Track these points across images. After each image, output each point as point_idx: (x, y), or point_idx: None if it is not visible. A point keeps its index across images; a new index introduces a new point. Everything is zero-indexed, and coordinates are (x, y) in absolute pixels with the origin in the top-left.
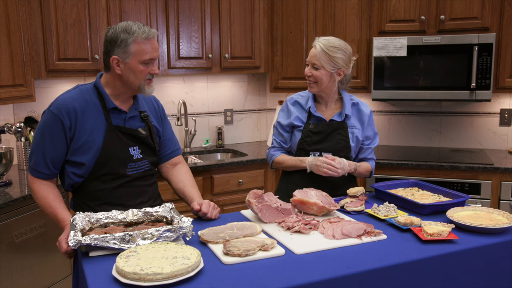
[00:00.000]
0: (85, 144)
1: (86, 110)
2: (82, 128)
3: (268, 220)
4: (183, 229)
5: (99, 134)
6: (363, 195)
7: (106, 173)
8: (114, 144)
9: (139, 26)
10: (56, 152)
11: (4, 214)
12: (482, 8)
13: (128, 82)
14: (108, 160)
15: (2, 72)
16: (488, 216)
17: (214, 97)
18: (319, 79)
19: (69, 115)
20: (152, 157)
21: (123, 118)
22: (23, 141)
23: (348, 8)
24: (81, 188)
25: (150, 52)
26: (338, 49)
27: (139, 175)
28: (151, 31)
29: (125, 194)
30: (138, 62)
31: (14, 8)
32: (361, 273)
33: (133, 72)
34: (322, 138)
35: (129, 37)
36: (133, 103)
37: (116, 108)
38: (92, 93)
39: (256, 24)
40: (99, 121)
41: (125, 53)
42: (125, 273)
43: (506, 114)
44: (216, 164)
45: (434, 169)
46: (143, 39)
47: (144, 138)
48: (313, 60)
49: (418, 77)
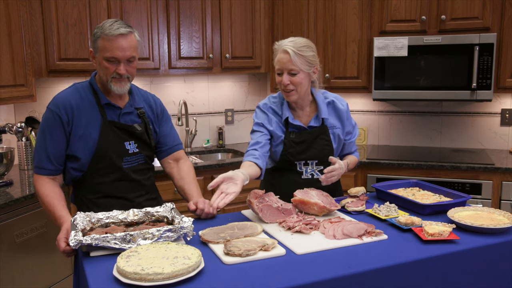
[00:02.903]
0: (81, 138)
1: (82, 106)
2: (78, 123)
3: (269, 220)
4: (184, 229)
5: (94, 129)
6: (364, 195)
7: (104, 166)
8: (109, 139)
9: (113, 23)
10: (57, 147)
11: (5, 214)
12: (483, 8)
13: (100, 77)
14: (105, 154)
15: (3, 72)
16: (489, 216)
17: (215, 97)
18: (299, 84)
19: (66, 111)
20: (147, 151)
21: (118, 114)
22: (24, 141)
23: (349, 8)
24: (81, 182)
25: (111, 50)
26: (307, 47)
27: (135, 168)
28: (120, 30)
29: (123, 187)
30: (103, 58)
31: (15, 8)
32: (362, 273)
33: (100, 67)
34: (306, 147)
35: (98, 32)
36: (129, 99)
37: (110, 103)
38: (87, 90)
39: (257, 24)
40: (94, 116)
41: (95, 47)
42: (126, 273)
43: (507, 114)
44: (216, 164)
45: (435, 169)
46: (108, 36)
47: (140, 134)
48: (289, 66)
49: (419, 77)
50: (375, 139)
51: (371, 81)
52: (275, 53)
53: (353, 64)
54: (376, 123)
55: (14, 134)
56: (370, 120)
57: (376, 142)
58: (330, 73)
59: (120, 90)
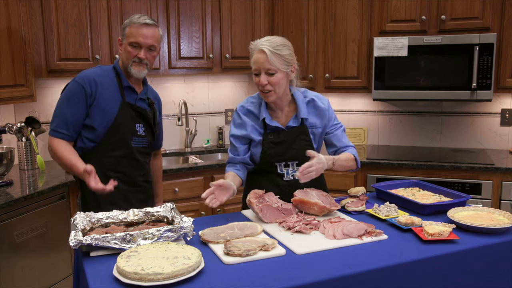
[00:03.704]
0: (101, 112)
1: (105, 84)
2: (101, 98)
3: (269, 220)
4: (184, 229)
5: (114, 106)
6: (364, 195)
7: (115, 140)
8: (125, 117)
9: (141, 15)
10: (77, 116)
11: (5, 214)
12: (483, 8)
13: (123, 62)
14: (118, 129)
15: (3, 72)
16: (489, 216)
17: (215, 97)
18: (277, 84)
19: (90, 84)
20: (150, 137)
21: (135, 98)
22: (24, 141)
23: (349, 8)
24: (91, 152)
25: (135, 36)
26: (283, 46)
27: (140, 150)
28: (146, 20)
29: (128, 164)
30: (128, 44)
31: (15, 8)
32: (362, 273)
33: (125, 51)
34: (286, 148)
35: (127, 22)
36: (143, 88)
37: (130, 87)
38: (111, 71)
39: (257, 24)
40: (115, 95)
41: (123, 35)
42: (126, 273)
43: (507, 114)
44: (216, 164)
45: (435, 169)
46: (135, 24)
47: (150, 118)
48: (266, 66)
49: (419, 77)
50: (375, 139)
51: (371, 81)
52: (251, 53)
53: (353, 64)
54: (376, 123)
55: (14, 134)
56: (370, 120)
57: (376, 142)
58: (330, 73)
59: (139, 73)
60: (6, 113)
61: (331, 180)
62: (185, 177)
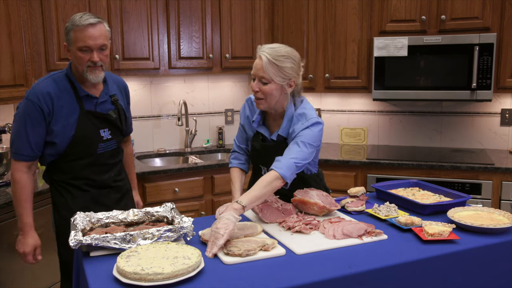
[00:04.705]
0: (60, 127)
1: (61, 97)
2: (58, 114)
3: (269, 220)
4: (184, 229)
5: (73, 118)
6: (363, 195)
7: (78, 151)
8: (86, 128)
9: (82, 15)
10: (38, 136)
11: (5, 214)
12: (483, 8)
13: (75, 68)
14: (81, 141)
15: (3, 72)
16: (489, 216)
17: (215, 97)
18: (269, 94)
19: (46, 102)
20: (119, 136)
21: (94, 103)
22: None
23: (348, 8)
24: (55, 163)
25: (83, 39)
26: (286, 58)
27: (109, 153)
28: (89, 20)
29: (95, 171)
30: (77, 49)
31: (15, 8)
32: (361, 273)
33: (75, 58)
34: (265, 157)
35: (70, 25)
36: (103, 87)
37: (88, 95)
38: (64, 81)
39: (257, 24)
40: (72, 107)
41: (69, 40)
42: (126, 273)
43: (507, 114)
44: (216, 164)
45: (435, 169)
46: (79, 27)
47: (114, 120)
48: (260, 73)
49: (419, 77)
50: (375, 139)
51: (371, 81)
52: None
53: (353, 64)
54: (376, 123)
55: None
56: (370, 120)
57: (376, 142)
58: (330, 73)
59: (96, 78)
60: (6, 113)
61: (331, 180)
62: (185, 177)
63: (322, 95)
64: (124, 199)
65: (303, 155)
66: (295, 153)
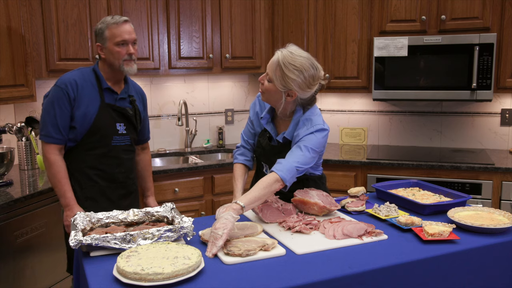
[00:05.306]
0: (82, 113)
1: (85, 87)
2: (81, 100)
3: (269, 220)
4: (184, 229)
5: (93, 108)
6: (364, 195)
7: (94, 141)
8: (104, 118)
9: (113, 16)
10: (65, 119)
11: (5, 214)
12: (483, 8)
13: (111, 63)
14: (98, 130)
15: (3, 72)
16: (489, 216)
17: (215, 97)
18: (267, 91)
19: (72, 88)
20: (133, 134)
21: (115, 98)
22: (24, 141)
23: (349, 8)
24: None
25: (120, 35)
26: (295, 69)
27: (122, 147)
28: (121, 18)
29: (108, 162)
30: (113, 44)
31: (15, 8)
32: (362, 273)
33: (111, 53)
34: (268, 156)
35: (103, 26)
36: (124, 87)
37: (110, 88)
38: (90, 74)
39: (257, 24)
40: (94, 97)
41: (103, 39)
42: (126, 273)
43: (507, 114)
44: (216, 164)
45: (435, 169)
46: (115, 25)
47: (130, 116)
48: (267, 69)
49: (419, 77)
50: (375, 139)
51: (371, 81)
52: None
53: (353, 64)
54: (376, 123)
55: (14, 134)
56: (370, 120)
57: (376, 142)
58: (330, 73)
59: (131, 70)
60: (6, 113)
61: (331, 180)
62: (185, 177)
63: (322, 95)
64: (129, 198)
65: (305, 159)
66: (297, 157)
